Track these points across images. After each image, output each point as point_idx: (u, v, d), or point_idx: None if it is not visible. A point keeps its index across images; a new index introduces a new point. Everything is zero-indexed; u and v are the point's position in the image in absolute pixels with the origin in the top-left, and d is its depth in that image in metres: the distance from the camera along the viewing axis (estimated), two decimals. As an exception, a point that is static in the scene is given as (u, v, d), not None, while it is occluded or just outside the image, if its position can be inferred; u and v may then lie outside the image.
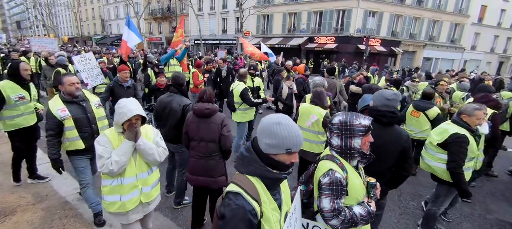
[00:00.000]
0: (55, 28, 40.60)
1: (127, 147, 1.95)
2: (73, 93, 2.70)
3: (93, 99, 2.95)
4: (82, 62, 5.68)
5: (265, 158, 1.16)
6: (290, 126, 1.13)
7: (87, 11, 50.64)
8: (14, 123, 3.35)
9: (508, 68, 32.17)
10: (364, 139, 1.55)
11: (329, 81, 5.21)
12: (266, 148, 1.14)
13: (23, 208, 3.23)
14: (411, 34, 26.08)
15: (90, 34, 50.26)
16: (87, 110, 2.78)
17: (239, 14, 23.95)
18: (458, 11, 27.20)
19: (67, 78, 2.72)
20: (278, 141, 1.11)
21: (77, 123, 2.69)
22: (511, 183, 4.65)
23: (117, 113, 1.92)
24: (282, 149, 1.12)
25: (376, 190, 1.64)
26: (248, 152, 1.19)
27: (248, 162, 1.18)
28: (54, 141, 2.65)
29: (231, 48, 30.52)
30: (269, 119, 1.16)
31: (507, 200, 4.09)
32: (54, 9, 47.07)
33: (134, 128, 1.94)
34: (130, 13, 38.26)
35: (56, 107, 2.63)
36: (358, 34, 23.01)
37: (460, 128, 2.61)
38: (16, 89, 3.29)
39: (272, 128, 1.12)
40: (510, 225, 3.49)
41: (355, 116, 1.57)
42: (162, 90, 4.87)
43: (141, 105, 2.17)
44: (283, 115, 1.18)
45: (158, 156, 2.10)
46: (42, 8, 37.46)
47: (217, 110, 2.73)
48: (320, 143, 3.50)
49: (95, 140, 2.01)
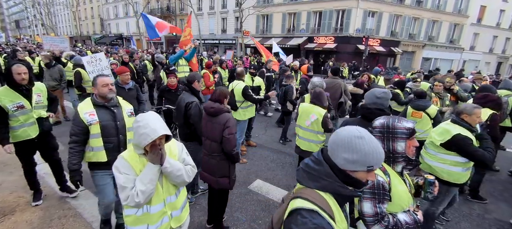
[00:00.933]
0: (54, 27, 40.48)
1: (153, 173, 1.63)
2: (105, 95, 2.44)
3: (126, 106, 2.64)
4: (92, 63, 5.28)
5: (340, 173, 1.04)
6: (373, 141, 1.03)
7: (86, 10, 50.54)
8: (14, 135, 2.96)
9: (507, 69, 32.24)
10: (408, 143, 1.48)
11: (333, 81, 5.22)
12: (344, 164, 1.02)
13: (22, 207, 3.22)
14: (410, 34, 26.11)
15: (89, 33, 50.16)
16: (117, 118, 2.48)
17: (239, 14, 23.92)
18: (457, 11, 27.25)
19: (101, 79, 2.45)
20: (360, 157, 1.00)
21: (103, 131, 2.40)
22: (510, 183, 4.67)
23: (138, 134, 1.60)
24: (364, 166, 1.01)
25: (434, 188, 1.55)
26: (319, 165, 1.07)
27: (319, 176, 1.06)
28: (77, 149, 2.37)
29: (231, 48, 30.49)
30: (349, 132, 1.04)
31: (505, 200, 4.10)
32: (53, 8, 46.94)
33: (159, 150, 1.64)
34: (129, 12, 38.22)
35: (84, 110, 2.36)
36: (358, 34, 23.03)
37: (462, 129, 2.60)
38: (13, 97, 2.87)
39: (354, 142, 1.01)
40: (509, 225, 3.50)
41: (397, 119, 1.53)
42: (173, 92, 4.74)
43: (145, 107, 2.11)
44: (362, 128, 1.07)
45: (187, 177, 1.82)
46: (41, 7, 37.31)
47: (224, 110, 2.71)
48: (319, 143, 3.55)
49: (113, 166, 1.70)
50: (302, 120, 3.58)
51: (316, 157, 1.11)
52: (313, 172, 1.07)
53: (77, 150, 2.37)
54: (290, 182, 4.25)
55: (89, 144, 2.40)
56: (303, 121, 3.57)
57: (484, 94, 3.81)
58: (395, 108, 5.52)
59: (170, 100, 4.76)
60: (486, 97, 3.68)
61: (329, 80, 5.32)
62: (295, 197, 1.06)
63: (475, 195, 4.04)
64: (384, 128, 1.51)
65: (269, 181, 4.26)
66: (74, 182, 2.47)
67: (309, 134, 3.53)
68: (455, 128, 2.62)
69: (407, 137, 1.47)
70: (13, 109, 2.85)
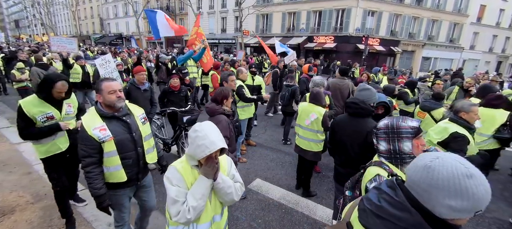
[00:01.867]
0: (53, 27, 40.44)
1: (205, 188, 1.52)
2: (114, 104, 2.03)
3: (137, 111, 2.27)
4: (103, 66, 4.97)
5: (437, 224, 0.78)
6: (482, 177, 0.77)
7: (85, 10, 50.51)
8: (44, 149, 2.63)
9: (507, 68, 32.26)
10: (415, 142, 1.46)
11: (341, 82, 5.17)
12: (449, 213, 0.76)
13: (22, 207, 3.22)
14: (410, 33, 26.12)
15: (88, 33, 50.14)
16: (132, 128, 2.11)
17: (238, 13, 23.92)
18: (457, 10, 27.25)
19: (107, 84, 2.02)
20: (472, 204, 0.75)
21: (119, 147, 2.03)
22: (510, 183, 4.67)
23: (195, 145, 1.47)
24: (472, 212, 0.77)
25: None
26: (403, 211, 0.80)
27: (403, 226, 0.79)
28: (96, 172, 1.98)
29: (231, 48, 30.48)
30: (453, 168, 0.77)
31: (505, 199, 4.11)
32: (53, 8, 46.92)
33: (216, 164, 1.54)
34: (129, 12, 38.18)
35: (92, 125, 1.95)
36: (357, 34, 23.03)
37: (459, 127, 2.62)
38: (43, 107, 2.52)
39: (464, 185, 0.74)
40: (509, 224, 3.51)
41: (402, 118, 1.52)
42: (176, 93, 4.63)
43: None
44: (466, 161, 0.81)
45: (236, 195, 1.68)
46: (40, 6, 37.26)
47: (218, 112, 2.67)
48: (319, 142, 3.55)
49: (164, 176, 1.57)
50: (302, 120, 3.60)
51: (394, 198, 0.84)
52: (394, 221, 0.81)
53: (96, 172, 1.99)
54: (289, 182, 4.26)
55: (104, 164, 2.04)
56: (303, 121, 3.60)
57: (498, 94, 3.81)
58: (403, 108, 5.54)
59: (174, 101, 4.66)
60: (500, 98, 3.66)
61: (336, 81, 5.27)
62: None
63: None
64: (388, 129, 1.50)
65: (268, 181, 4.26)
66: (103, 209, 2.06)
67: (309, 133, 3.54)
68: (453, 126, 2.65)
69: (413, 136, 1.45)
70: (42, 120, 2.51)
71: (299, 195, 3.90)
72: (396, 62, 25.87)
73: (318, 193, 3.98)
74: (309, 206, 3.67)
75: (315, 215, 3.47)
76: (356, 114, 2.45)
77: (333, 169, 4.88)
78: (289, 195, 3.90)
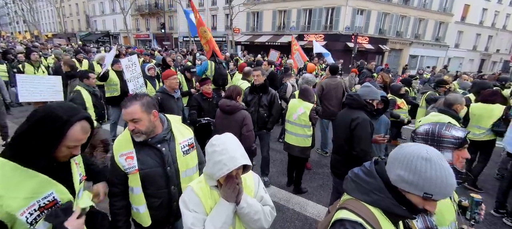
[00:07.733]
0: (36, 24, 38.97)
1: (227, 213, 1.26)
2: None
3: (181, 136, 1.78)
4: (129, 68, 4.19)
5: (392, 190, 0.94)
6: (443, 169, 0.87)
7: (70, 6, 48.95)
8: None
9: (490, 65, 33.44)
10: (456, 154, 1.33)
11: (333, 81, 4.99)
12: (397, 180, 0.93)
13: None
14: (398, 32, 26.66)
15: (74, 30, 48.66)
16: (167, 160, 1.68)
17: (229, 11, 23.76)
18: (442, 10, 28.00)
19: (123, 112, 1.60)
20: (417, 180, 0.87)
21: (146, 182, 1.65)
22: (490, 176, 4.84)
23: (213, 161, 1.24)
24: (420, 191, 0.88)
25: (481, 211, 1.40)
26: (370, 177, 0.99)
27: (369, 189, 0.98)
28: (117, 206, 1.67)
29: (221, 46, 30.26)
30: (415, 150, 0.91)
31: (486, 191, 4.24)
32: (35, 4, 45.29)
33: (237, 185, 1.27)
34: (116, 9, 37.28)
35: (120, 150, 1.62)
36: (347, 32, 23.32)
37: (451, 118, 2.69)
38: (30, 185, 1.35)
39: (415, 162, 0.88)
40: (491, 216, 3.63)
41: (445, 126, 1.37)
42: (210, 100, 3.90)
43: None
44: (435, 151, 0.92)
45: (266, 222, 1.38)
46: (22, 3, 35.82)
47: (239, 108, 2.71)
48: (307, 137, 3.62)
49: (180, 199, 1.35)
50: (290, 115, 3.68)
51: (367, 168, 1.02)
52: (363, 184, 0.99)
53: (118, 206, 1.66)
54: (281, 179, 4.27)
55: (130, 199, 1.72)
56: (290, 116, 3.68)
57: (493, 90, 4.09)
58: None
59: (206, 110, 3.90)
60: (496, 93, 3.95)
61: (328, 80, 5.04)
62: (340, 207, 1.02)
63: (473, 183, 4.31)
64: (428, 136, 1.38)
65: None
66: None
67: (297, 128, 3.61)
68: (445, 117, 2.72)
69: (456, 147, 1.32)
70: (30, 214, 1.41)
71: (290, 192, 3.93)
72: (384, 60, 26.37)
73: (309, 189, 4.01)
74: (300, 202, 3.70)
75: (306, 212, 3.50)
76: (349, 105, 2.65)
77: (323, 166, 4.97)
78: (280, 192, 3.91)
